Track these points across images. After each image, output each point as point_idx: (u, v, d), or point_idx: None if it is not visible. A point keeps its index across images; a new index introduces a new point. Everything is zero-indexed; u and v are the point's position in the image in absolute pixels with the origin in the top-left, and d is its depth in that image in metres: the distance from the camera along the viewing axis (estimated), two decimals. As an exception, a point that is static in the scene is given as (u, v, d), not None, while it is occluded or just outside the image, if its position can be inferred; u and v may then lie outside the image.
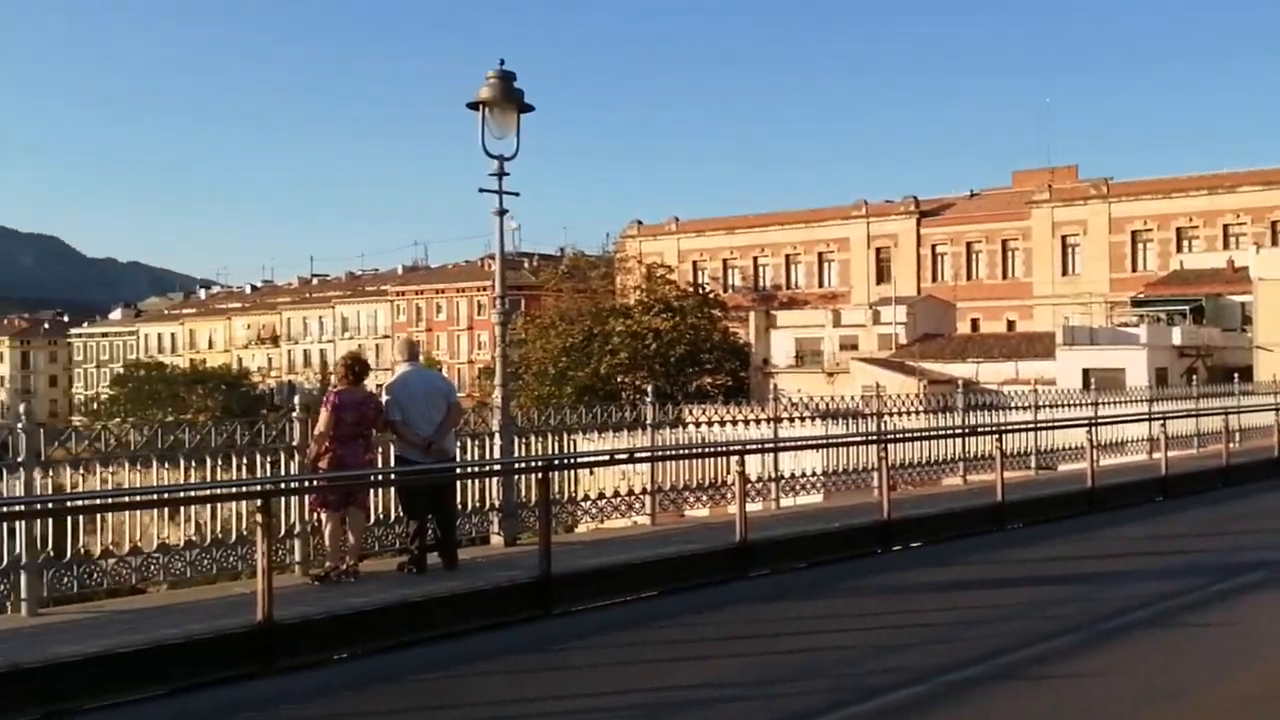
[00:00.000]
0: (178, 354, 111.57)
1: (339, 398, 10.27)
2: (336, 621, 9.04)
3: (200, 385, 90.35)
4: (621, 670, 8.87)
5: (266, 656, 8.42)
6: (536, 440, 12.95)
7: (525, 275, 79.66)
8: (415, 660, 8.85)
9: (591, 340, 59.66)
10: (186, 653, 8.18)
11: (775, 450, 15.00)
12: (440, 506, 10.89)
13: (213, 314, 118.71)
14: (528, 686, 8.37)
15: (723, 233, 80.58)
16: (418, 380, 10.90)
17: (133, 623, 8.78)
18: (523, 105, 11.80)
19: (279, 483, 10.42)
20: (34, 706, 7.47)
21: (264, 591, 8.43)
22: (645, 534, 13.15)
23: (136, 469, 10.07)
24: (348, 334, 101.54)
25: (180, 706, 7.87)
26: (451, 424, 11.02)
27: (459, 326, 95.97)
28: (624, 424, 14.10)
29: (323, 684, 8.46)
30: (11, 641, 8.15)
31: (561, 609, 10.28)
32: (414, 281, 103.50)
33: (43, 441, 9.49)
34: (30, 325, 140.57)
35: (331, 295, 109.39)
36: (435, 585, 10.04)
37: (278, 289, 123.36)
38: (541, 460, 12.14)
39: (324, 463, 10.22)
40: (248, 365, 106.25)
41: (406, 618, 9.39)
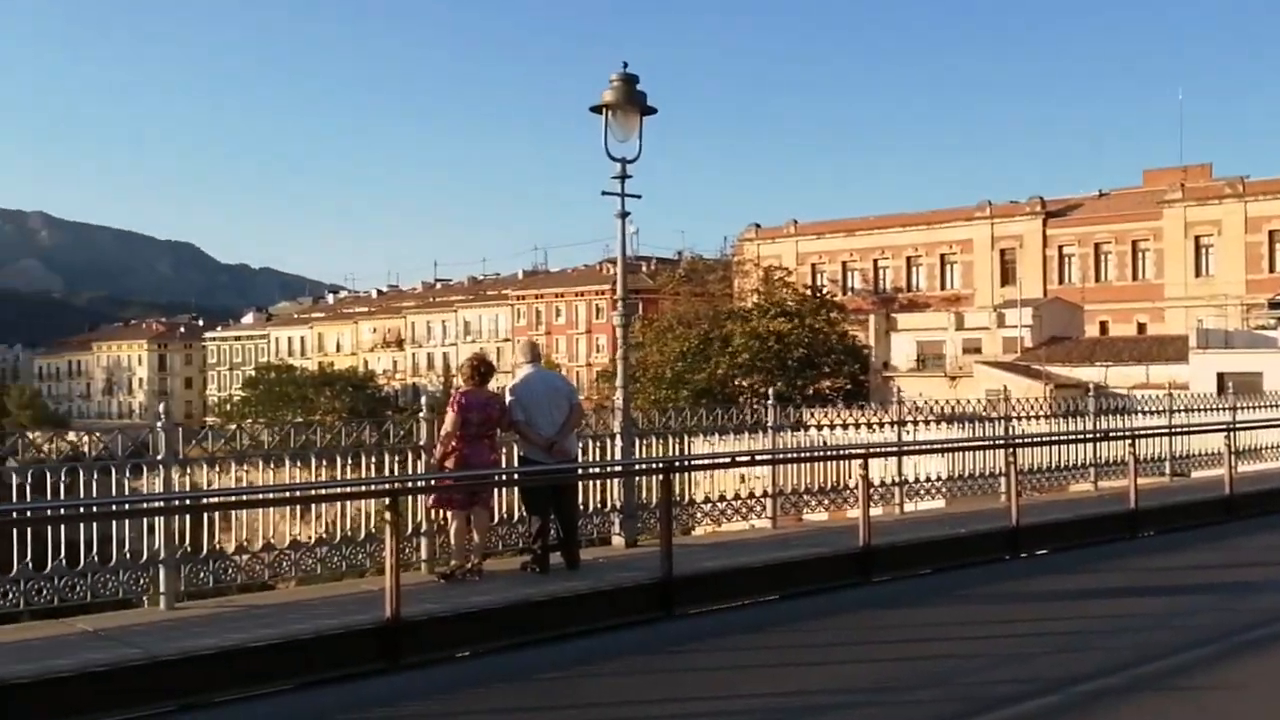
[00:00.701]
0: (307, 357, 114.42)
1: (465, 398, 10.42)
2: (461, 619, 9.15)
3: (328, 387, 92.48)
4: (742, 674, 8.83)
5: (394, 653, 8.56)
6: (658, 442, 12.97)
7: (643, 279, 79.87)
8: (538, 659, 8.92)
9: (708, 344, 59.55)
10: (317, 647, 8.36)
11: (899, 454, 14.80)
12: (562, 507, 10.97)
13: (340, 318, 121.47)
14: (649, 688, 8.39)
15: (842, 235, 79.79)
16: (540, 381, 11.00)
17: (266, 617, 9.02)
18: (645, 108, 11.84)
19: (407, 481, 10.60)
20: (170, 698, 7.70)
21: (392, 588, 8.58)
22: (766, 537, 13.08)
23: (270, 467, 10.36)
24: (469, 337, 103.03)
25: (311, 701, 8.04)
26: (573, 425, 11.10)
27: (577, 330, 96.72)
28: (744, 427, 14.04)
29: (448, 681, 8.58)
30: (150, 634, 8.41)
31: (682, 611, 10.26)
32: (534, 286, 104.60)
33: (181, 441, 9.81)
34: (167, 329, 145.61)
35: (454, 299, 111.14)
36: (558, 585, 10.11)
37: (402, 294, 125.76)
38: (663, 461, 12.15)
39: (450, 462, 10.37)
40: (373, 368, 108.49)
41: (529, 617, 9.48)
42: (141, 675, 7.67)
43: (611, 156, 11.86)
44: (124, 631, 8.52)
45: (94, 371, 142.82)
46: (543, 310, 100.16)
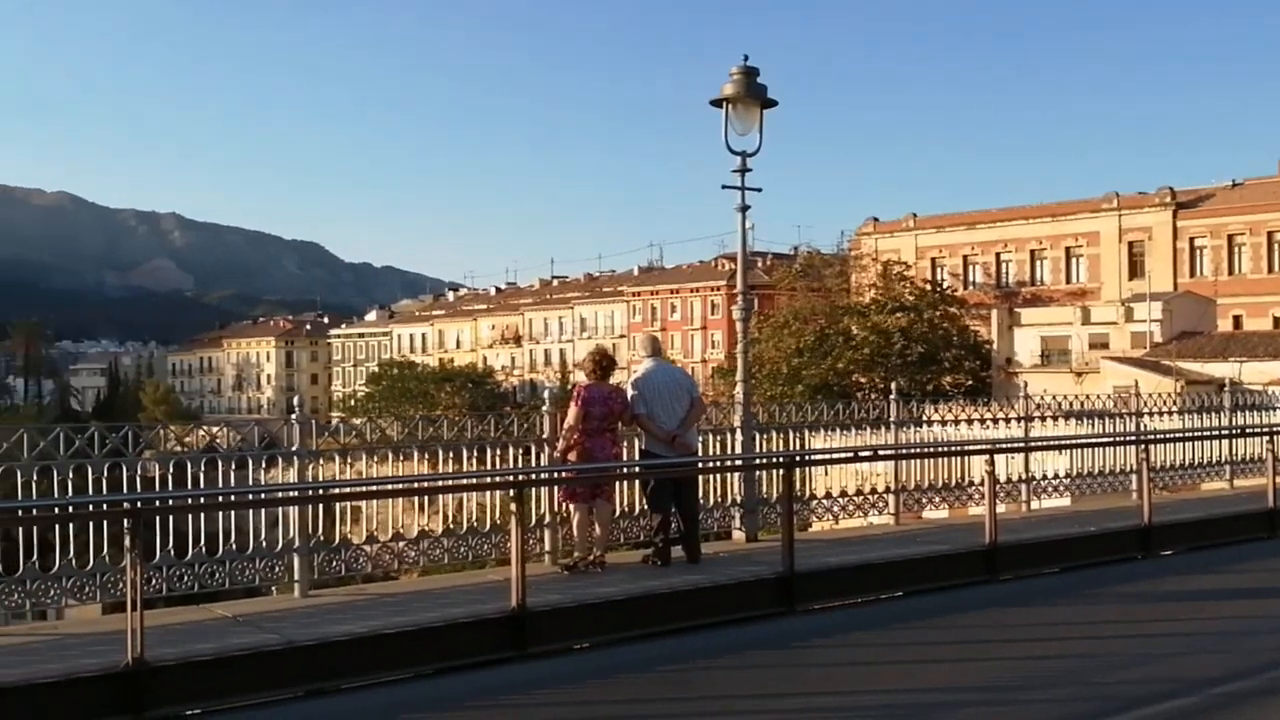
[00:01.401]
0: (427, 353, 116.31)
1: (587, 392, 10.51)
2: (585, 610, 9.25)
3: (448, 383, 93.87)
4: (865, 670, 8.77)
5: (520, 642, 8.70)
6: (777, 436, 12.92)
7: (759, 275, 79.47)
8: (661, 651, 8.97)
9: (825, 340, 59.01)
10: (446, 635, 8.54)
11: (1026, 450, 14.51)
12: (683, 500, 11.01)
13: (460, 315, 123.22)
14: (772, 682, 8.37)
15: (963, 228, 78.33)
16: (661, 375, 11.04)
17: (396, 605, 9.24)
18: (765, 101, 11.81)
19: (531, 474, 10.74)
20: (303, 682, 7.93)
21: (518, 579, 8.71)
22: (888, 534, 12.94)
23: (399, 460, 10.59)
24: (586, 334, 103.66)
25: (440, 688, 8.21)
26: (694, 419, 11.12)
27: (693, 326, 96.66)
28: (865, 422, 13.92)
29: (572, 671, 8.69)
30: (286, 620, 8.68)
31: (804, 606, 10.22)
32: (649, 282, 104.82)
33: (314, 433, 10.09)
34: (294, 327, 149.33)
35: (571, 296, 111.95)
36: (679, 578, 10.15)
37: (520, 291, 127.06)
38: (785, 456, 12.11)
39: (573, 455, 10.47)
40: (492, 364, 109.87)
41: (651, 609, 9.54)
42: (278, 660, 7.91)
43: (731, 150, 11.86)
44: (261, 617, 8.81)
45: (224, 368, 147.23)
46: (658, 306, 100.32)
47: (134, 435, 9.26)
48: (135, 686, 7.26)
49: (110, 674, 7.27)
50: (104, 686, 7.25)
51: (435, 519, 10.79)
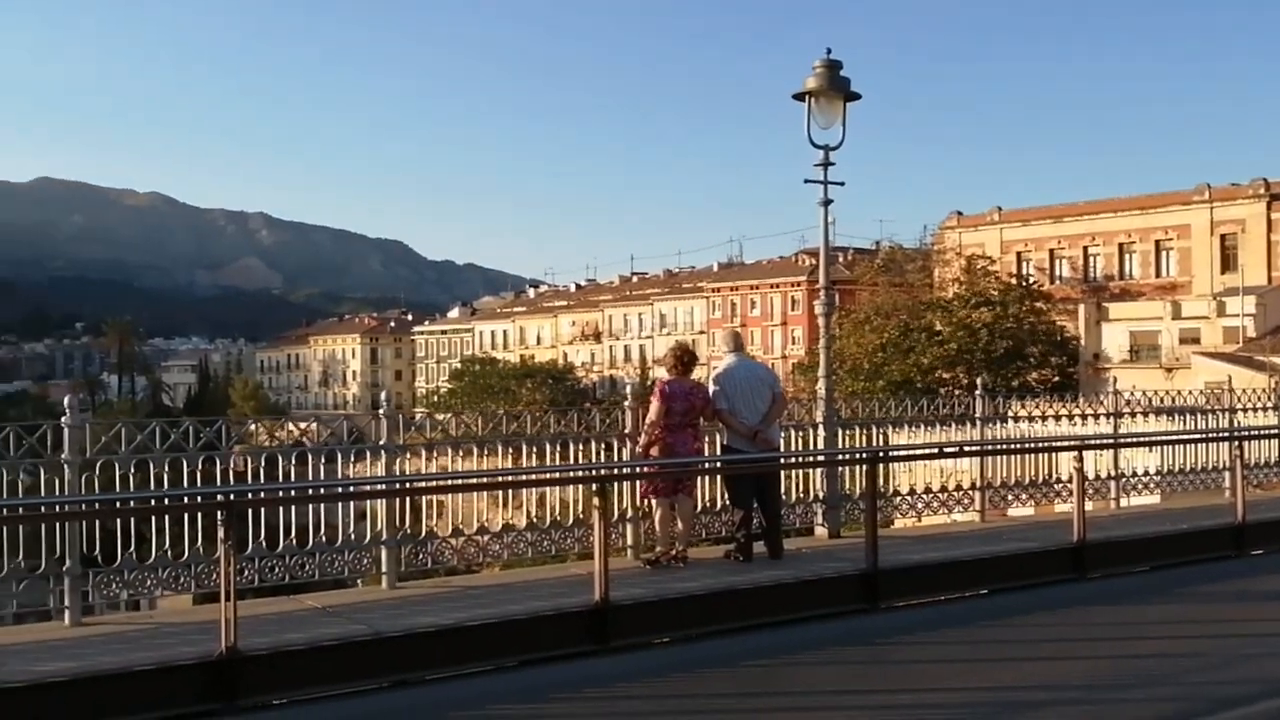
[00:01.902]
0: (509, 349, 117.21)
1: (669, 387, 10.53)
2: (667, 604, 9.28)
3: (529, 379, 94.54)
4: (950, 668, 8.69)
5: (603, 635, 8.74)
6: (860, 432, 12.83)
7: (840, 270, 78.83)
8: (743, 646, 8.97)
9: (907, 335, 58.38)
10: (530, 628, 8.62)
11: (1115, 446, 14.25)
12: (765, 496, 10.98)
13: (540, 312, 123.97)
14: (855, 679, 8.35)
15: (1049, 222, 76.94)
16: (743, 370, 11.02)
17: (480, 598, 9.34)
18: (849, 94, 11.73)
19: (614, 468, 10.79)
20: (390, 673, 8.05)
21: (601, 573, 8.76)
22: (972, 531, 12.79)
23: (483, 455, 10.69)
24: (665, 330, 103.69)
25: (523, 679, 8.29)
26: (776, 414, 11.09)
27: (772, 322, 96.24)
28: (950, 418, 13.76)
29: (655, 664, 8.72)
30: (374, 612, 8.81)
31: (888, 603, 10.15)
32: (729, 278, 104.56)
33: (402, 428, 10.23)
34: (378, 324, 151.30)
35: (650, 292, 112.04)
36: (762, 574, 10.13)
37: (600, 287, 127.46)
38: (869, 452, 12.03)
39: (654, 450, 10.50)
40: (572, 360, 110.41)
41: (734, 604, 9.53)
42: (366, 650, 8.04)
43: (814, 144, 11.79)
44: (349, 609, 8.96)
45: (311, 364, 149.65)
46: (738, 302, 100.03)
47: (226, 430, 9.47)
48: (228, 675, 7.43)
49: (204, 663, 7.44)
50: (198, 675, 7.43)
51: (517, 514, 10.87)
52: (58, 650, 7.81)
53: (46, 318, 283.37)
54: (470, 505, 10.80)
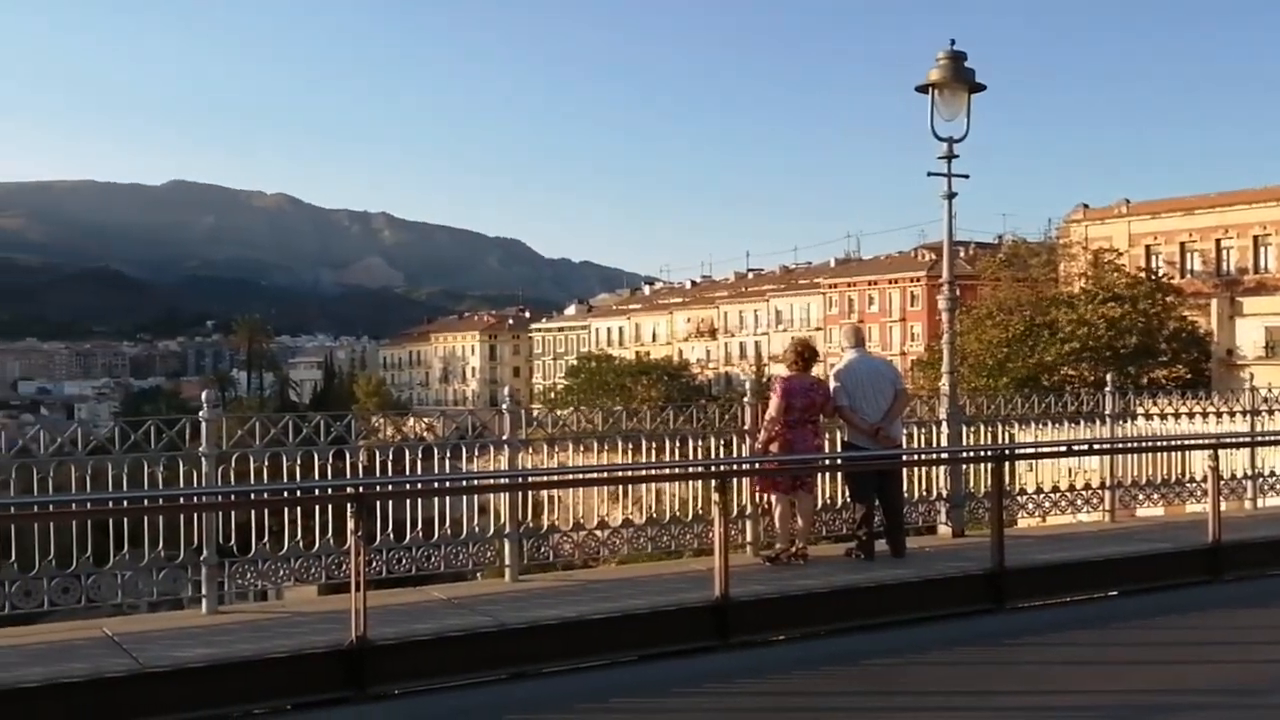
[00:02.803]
0: (624, 346, 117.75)
1: (789, 383, 10.48)
2: (787, 601, 9.24)
3: (644, 376, 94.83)
4: (1079, 670, 8.51)
5: (723, 631, 8.74)
6: (985, 429, 12.58)
7: (962, 264, 77.37)
8: (866, 645, 8.89)
9: (1031, 331, 57.10)
10: (651, 622, 8.65)
11: (1253, 445, 13.75)
12: (887, 493, 10.86)
13: (656, 309, 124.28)
14: (980, 679, 8.23)
15: (1179, 214, 74.54)
16: (864, 366, 10.91)
17: (601, 592, 9.40)
18: (974, 85, 11.54)
19: (734, 464, 10.77)
20: (513, 664, 8.15)
21: (721, 568, 8.75)
22: (1100, 531, 12.46)
23: (602, 450, 10.75)
24: (781, 327, 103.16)
25: (644, 673, 8.33)
26: (898, 411, 10.95)
27: (891, 318, 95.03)
28: (1079, 415, 13.41)
29: (776, 661, 8.70)
30: (498, 604, 8.94)
31: (1014, 604, 9.94)
32: (846, 273, 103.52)
33: (524, 422, 10.37)
34: (497, 321, 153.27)
35: (766, 289, 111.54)
36: (884, 572, 10.03)
37: (715, 284, 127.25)
38: (995, 449, 11.81)
39: (774, 446, 10.45)
40: (687, 357, 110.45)
41: (856, 602, 9.44)
42: (491, 641, 8.17)
43: (938, 136, 11.62)
44: (474, 600, 9.10)
45: (432, 361, 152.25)
46: (855, 298, 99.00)
47: (355, 424, 9.71)
48: (358, 664, 7.60)
49: (335, 651, 7.63)
50: (330, 663, 7.62)
51: (632, 510, 10.88)
52: (196, 637, 8.08)
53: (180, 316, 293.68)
54: (588, 501, 10.85)
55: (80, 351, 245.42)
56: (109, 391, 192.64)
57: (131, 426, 8.92)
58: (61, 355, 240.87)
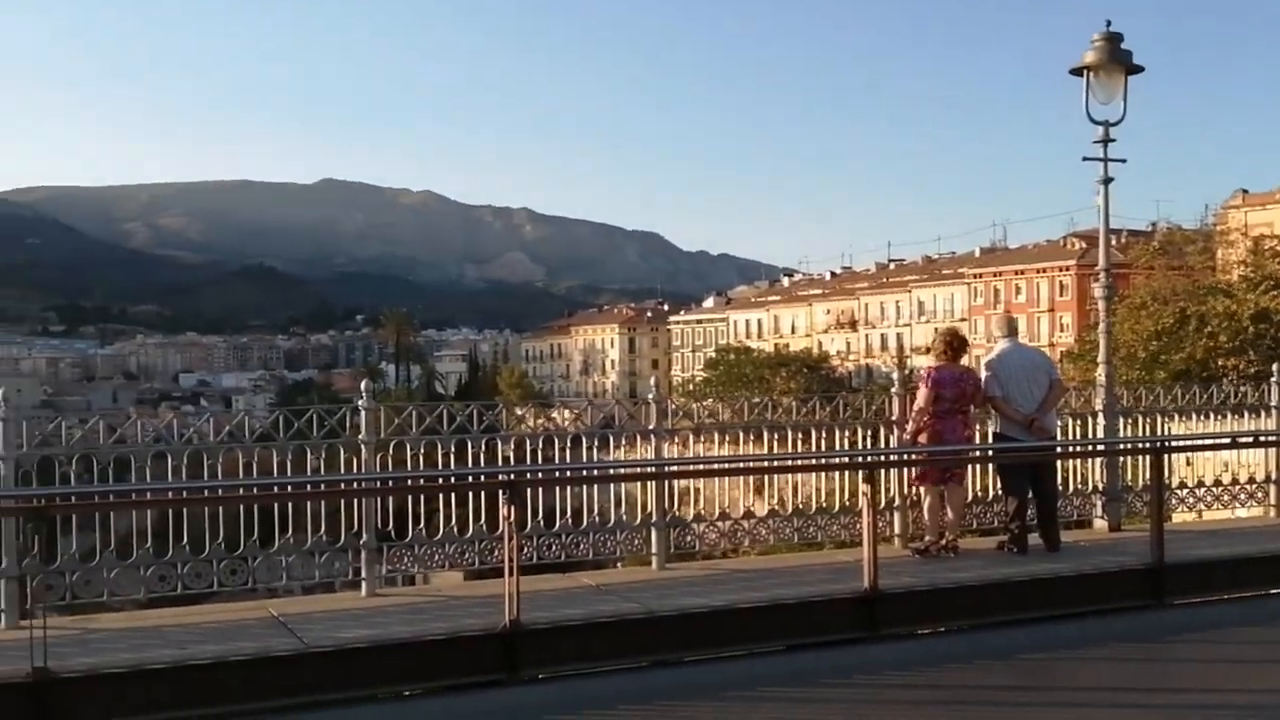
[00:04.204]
0: (763, 339, 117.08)
1: (938, 373, 10.32)
2: (938, 594, 9.13)
3: (783, 368, 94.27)
4: (1244, 669, 8.25)
5: (871, 623, 8.68)
6: (1143, 421, 12.19)
7: (1113, 253, 74.93)
8: (1019, 639, 8.72)
9: (1186, 322, 55.05)
10: (798, 612, 8.65)
11: None
12: (1040, 486, 10.62)
13: (795, 300, 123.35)
14: (1141, 676, 8.02)
15: (1351, 197, 70.99)
16: (1017, 356, 10.69)
17: (747, 582, 9.42)
18: (1130, 67, 11.20)
19: (883, 455, 10.67)
20: (661, 651, 8.23)
21: (870, 560, 8.69)
22: (1264, 526, 11.96)
23: (747, 441, 10.75)
24: (924, 318, 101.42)
25: (792, 663, 8.32)
26: (1053, 401, 10.70)
27: (1039, 308, 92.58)
28: (1242, 407, 12.88)
29: (926, 654, 8.62)
30: (646, 591, 9.03)
31: (1174, 599, 9.64)
32: (991, 263, 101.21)
33: (670, 413, 10.44)
34: (636, 314, 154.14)
35: (908, 279, 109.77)
36: (1038, 566, 9.82)
37: (856, 275, 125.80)
38: (1153, 440, 11.45)
39: (923, 438, 10.31)
40: (827, 349, 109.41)
41: (1008, 596, 9.28)
42: (640, 628, 8.26)
43: (1093, 120, 11.31)
44: (622, 587, 9.22)
45: (572, 354, 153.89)
46: (1001, 288, 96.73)
47: (506, 413, 9.92)
48: (511, 647, 7.77)
49: (490, 634, 7.81)
50: (484, 645, 7.81)
51: (776, 501, 10.85)
52: (356, 618, 8.36)
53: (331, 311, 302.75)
54: (731, 491, 10.86)
55: (237, 345, 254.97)
56: (264, 383, 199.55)
57: (294, 415, 9.26)
58: (220, 349, 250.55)
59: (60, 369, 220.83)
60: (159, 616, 8.65)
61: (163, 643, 7.63)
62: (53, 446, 8.67)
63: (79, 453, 8.68)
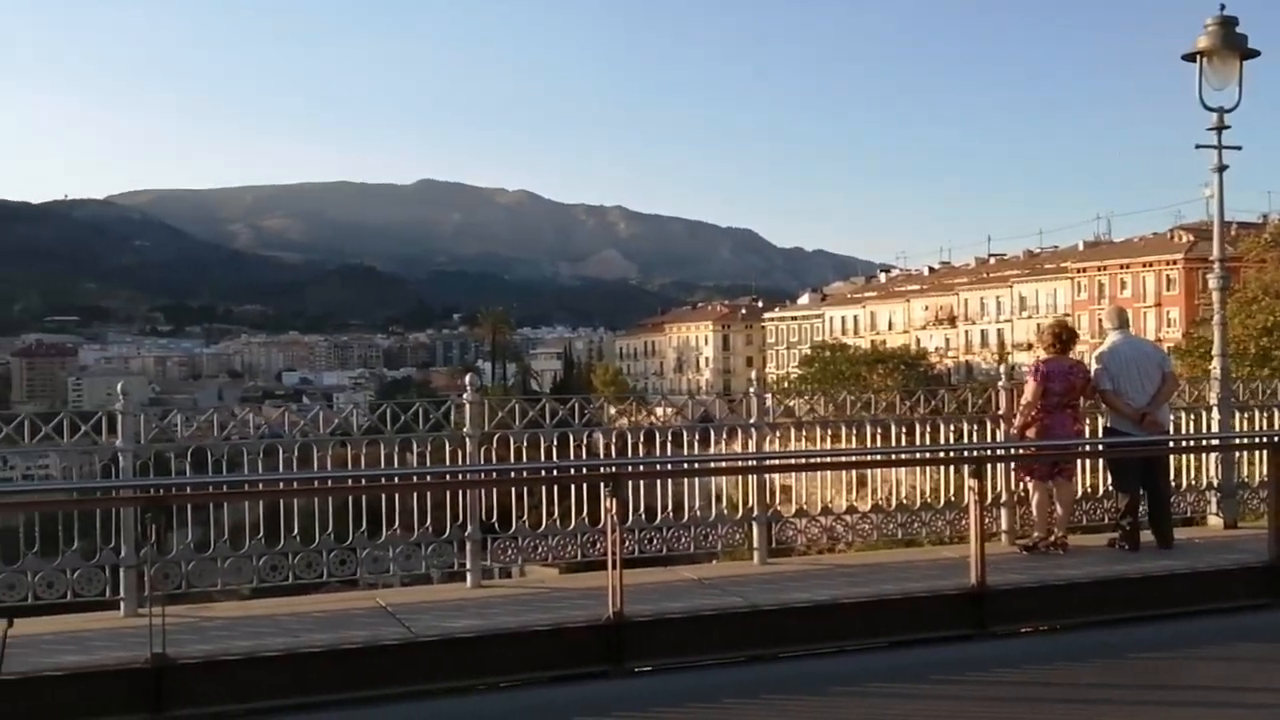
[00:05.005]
0: (859, 335, 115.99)
1: (1046, 367, 10.13)
2: (1048, 591, 8.98)
3: (880, 365, 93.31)
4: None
5: (978, 619, 8.55)
6: (1261, 415, 11.82)
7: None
8: (1132, 638, 8.52)
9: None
10: (903, 608, 8.56)
11: None
12: (1152, 482, 10.36)
13: (892, 296, 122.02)
14: (1259, 677, 7.79)
15: None
16: (1129, 349, 10.44)
17: (851, 577, 9.34)
18: (1246, 51, 10.87)
19: (990, 450, 10.50)
20: (764, 645, 8.18)
21: (977, 556, 8.57)
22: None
23: (848, 436, 10.63)
24: (1025, 313, 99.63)
25: (897, 659, 8.24)
26: (1166, 395, 10.43)
27: (1145, 303, 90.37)
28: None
29: (1036, 651, 8.49)
30: (747, 585, 9.01)
31: (1296, 598, 9.34)
32: (1095, 257, 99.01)
33: (772, 407, 10.40)
34: (730, 311, 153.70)
35: (1009, 274, 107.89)
36: (1150, 563, 9.60)
37: (955, 270, 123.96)
38: (1272, 436, 11.11)
39: (1031, 432, 10.13)
40: (925, 345, 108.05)
41: (1120, 593, 9.10)
42: (743, 622, 8.24)
43: (1206, 106, 10.99)
44: (724, 581, 9.20)
45: (666, 351, 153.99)
46: (1105, 283, 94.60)
47: (606, 407, 9.96)
48: (615, 639, 7.79)
49: (594, 626, 7.84)
50: (588, 637, 7.85)
51: (881, 495, 10.71)
52: (462, 609, 8.45)
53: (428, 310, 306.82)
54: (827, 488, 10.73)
55: (338, 344, 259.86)
56: (364, 381, 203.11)
57: (400, 409, 9.40)
58: (321, 347, 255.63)
59: (168, 368, 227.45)
60: (270, 606, 8.83)
61: (275, 631, 7.81)
62: (168, 440, 8.92)
63: (192, 446, 8.92)
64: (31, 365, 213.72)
